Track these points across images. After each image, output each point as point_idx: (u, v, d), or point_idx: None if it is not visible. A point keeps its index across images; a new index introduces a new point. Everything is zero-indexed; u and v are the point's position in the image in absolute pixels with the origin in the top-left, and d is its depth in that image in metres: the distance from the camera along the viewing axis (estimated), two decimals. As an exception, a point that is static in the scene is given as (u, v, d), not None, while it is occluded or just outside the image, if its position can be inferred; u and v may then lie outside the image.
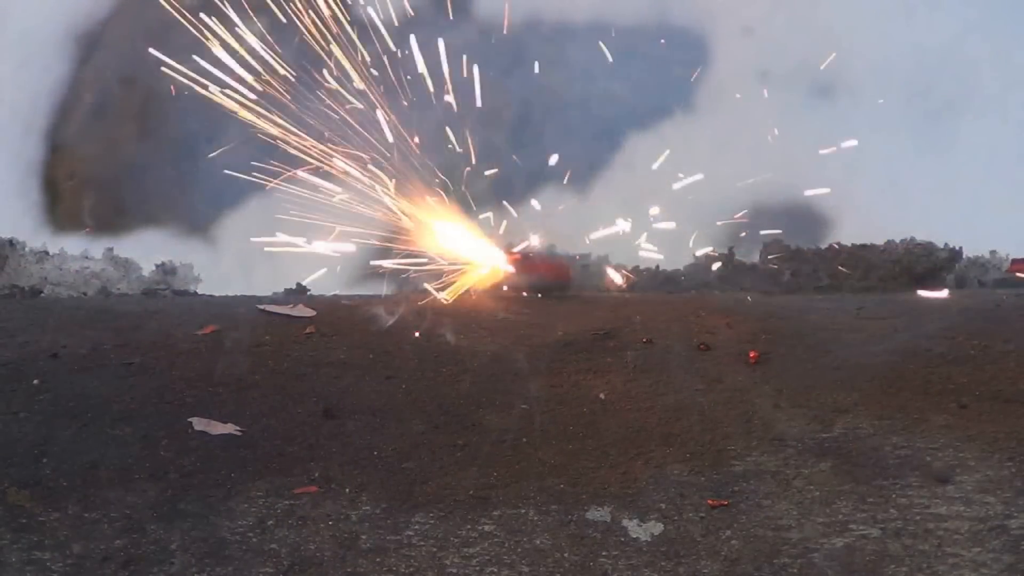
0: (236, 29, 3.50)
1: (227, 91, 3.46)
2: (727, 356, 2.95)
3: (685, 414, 2.57)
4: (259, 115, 3.48)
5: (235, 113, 3.45)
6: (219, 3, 3.47)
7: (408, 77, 3.70)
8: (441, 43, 3.73)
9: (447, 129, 3.77)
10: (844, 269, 3.87)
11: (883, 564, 1.93)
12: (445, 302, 3.47)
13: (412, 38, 3.70)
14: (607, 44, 4.37)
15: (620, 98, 4.43)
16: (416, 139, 3.60)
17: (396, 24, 4.00)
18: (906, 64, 4.37)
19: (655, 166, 3.96)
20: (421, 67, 3.72)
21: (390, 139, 3.57)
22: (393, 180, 3.56)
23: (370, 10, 3.82)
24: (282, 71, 3.52)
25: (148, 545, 2.03)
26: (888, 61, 4.36)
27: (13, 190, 4.27)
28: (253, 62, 3.50)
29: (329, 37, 3.57)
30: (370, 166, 3.55)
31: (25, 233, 4.04)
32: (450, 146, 3.78)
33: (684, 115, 4.45)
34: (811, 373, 2.80)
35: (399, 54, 3.79)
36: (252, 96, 3.48)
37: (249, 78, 3.48)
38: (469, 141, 3.79)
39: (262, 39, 3.52)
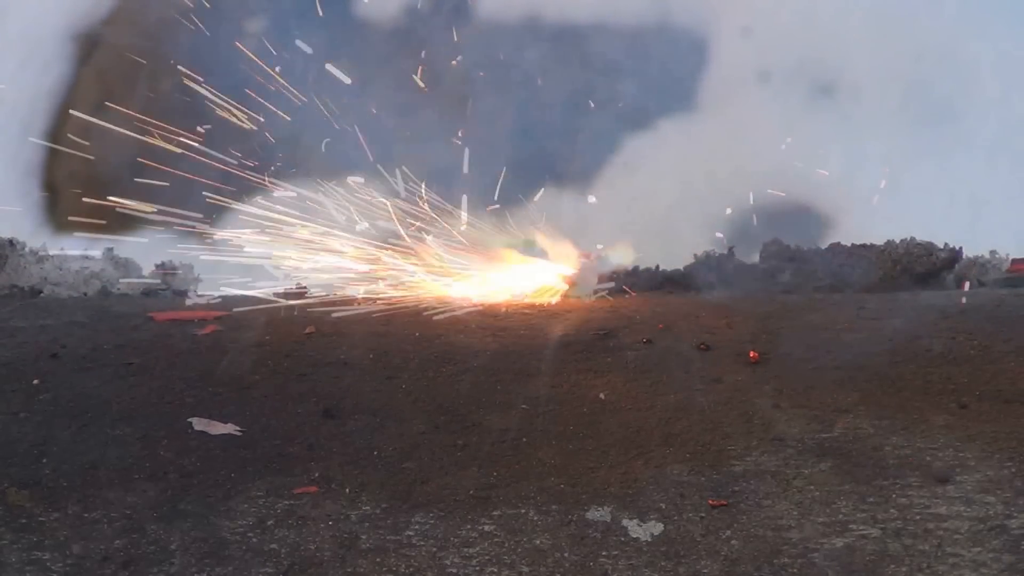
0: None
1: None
2: (727, 356, 2.95)
3: (685, 414, 2.57)
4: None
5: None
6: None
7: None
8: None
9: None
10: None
11: (883, 564, 1.93)
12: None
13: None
14: (609, 44, 4.39)
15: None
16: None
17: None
18: (906, 64, 4.36)
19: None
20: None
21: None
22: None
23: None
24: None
25: (148, 545, 2.03)
26: (888, 61, 4.36)
27: (13, 190, 4.27)
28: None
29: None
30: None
31: (25, 233, 4.04)
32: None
33: (684, 115, 4.45)
34: (811, 373, 2.80)
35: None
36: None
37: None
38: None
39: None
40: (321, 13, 4.32)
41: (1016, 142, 4.19)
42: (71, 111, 4.25)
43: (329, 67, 4.12)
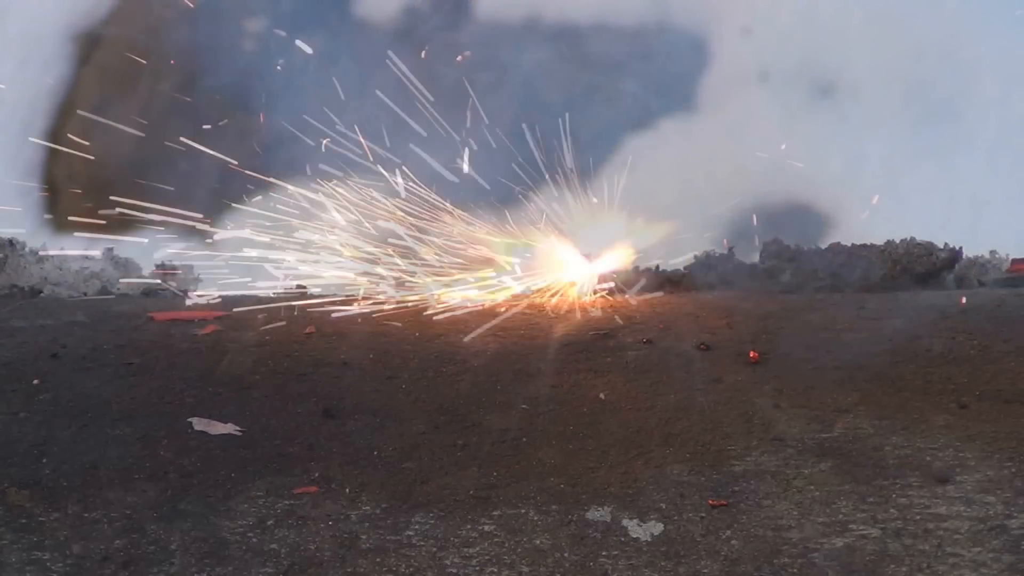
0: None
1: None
2: (727, 356, 2.95)
3: (685, 414, 2.57)
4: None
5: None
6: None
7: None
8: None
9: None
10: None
11: (883, 564, 1.93)
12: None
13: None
14: (609, 44, 4.39)
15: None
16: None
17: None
18: (906, 64, 4.36)
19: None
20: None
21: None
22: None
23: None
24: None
25: (148, 545, 2.03)
26: (888, 61, 4.36)
27: (13, 190, 4.28)
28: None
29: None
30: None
31: (25, 233, 4.05)
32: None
33: (684, 115, 4.45)
34: (811, 373, 2.80)
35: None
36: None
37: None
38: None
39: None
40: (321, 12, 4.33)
41: (1016, 142, 4.18)
42: (72, 111, 4.25)
43: (299, 43, 4.11)
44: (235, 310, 3.44)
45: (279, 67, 4.17)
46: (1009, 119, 4.22)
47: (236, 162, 3.93)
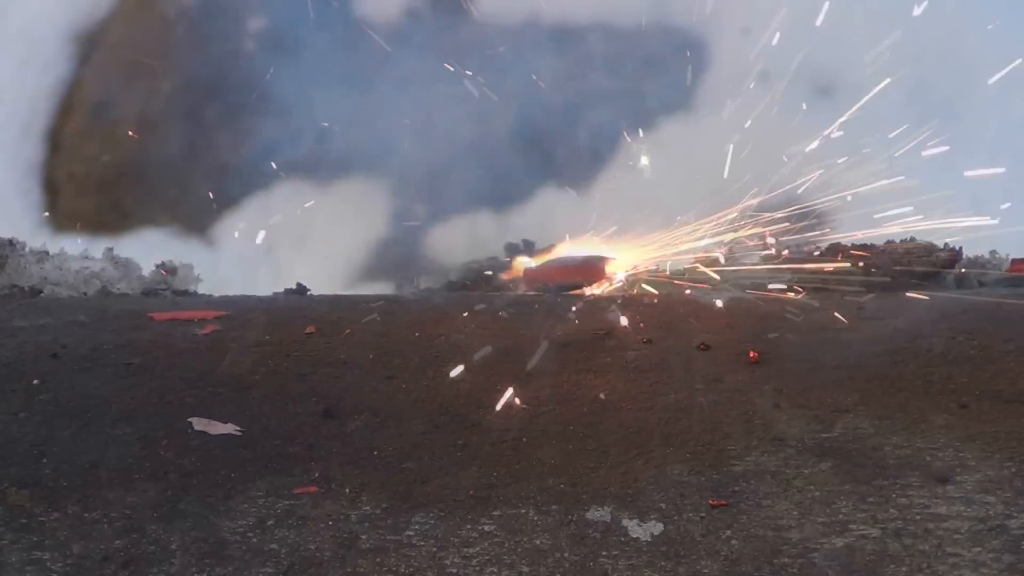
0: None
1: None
2: (727, 356, 2.95)
3: (685, 414, 2.57)
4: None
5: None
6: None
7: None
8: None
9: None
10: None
11: (883, 564, 1.93)
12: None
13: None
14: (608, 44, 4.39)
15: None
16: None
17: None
18: (906, 64, 4.36)
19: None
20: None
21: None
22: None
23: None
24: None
25: (148, 545, 2.03)
26: (888, 61, 4.36)
27: (13, 190, 4.28)
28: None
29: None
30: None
31: (25, 233, 4.05)
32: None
33: (684, 115, 4.45)
34: (811, 373, 2.80)
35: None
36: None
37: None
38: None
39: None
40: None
41: (1016, 142, 4.19)
42: (72, 111, 4.25)
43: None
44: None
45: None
46: (1009, 119, 4.22)
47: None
